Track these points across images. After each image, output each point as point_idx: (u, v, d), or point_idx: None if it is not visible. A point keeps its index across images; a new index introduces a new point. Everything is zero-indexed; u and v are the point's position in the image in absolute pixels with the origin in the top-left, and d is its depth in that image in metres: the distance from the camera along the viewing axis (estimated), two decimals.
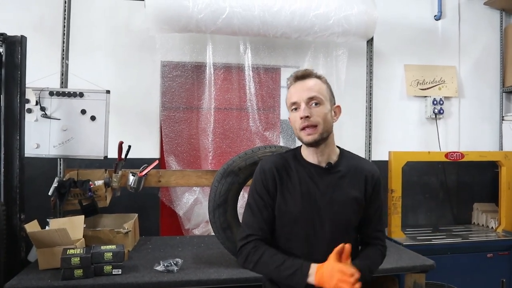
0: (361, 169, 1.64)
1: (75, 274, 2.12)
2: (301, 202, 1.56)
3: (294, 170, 1.61)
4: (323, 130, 1.53)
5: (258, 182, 1.61)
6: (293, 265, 1.47)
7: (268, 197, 1.59)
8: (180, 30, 3.05)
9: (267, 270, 1.54)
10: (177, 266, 2.30)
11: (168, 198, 3.35)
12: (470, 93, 3.98)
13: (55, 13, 3.08)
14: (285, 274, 1.47)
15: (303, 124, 1.52)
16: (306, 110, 1.51)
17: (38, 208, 2.68)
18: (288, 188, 1.58)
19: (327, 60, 3.50)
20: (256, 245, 1.55)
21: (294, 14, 3.08)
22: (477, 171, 3.91)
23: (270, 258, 1.51)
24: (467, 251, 3.26)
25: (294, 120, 1.56)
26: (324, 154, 1.60)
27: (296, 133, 1.58)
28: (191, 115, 3.43)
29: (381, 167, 3.39)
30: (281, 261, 1.49)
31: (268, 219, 1.59)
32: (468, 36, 3.95)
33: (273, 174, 1.59)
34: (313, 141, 1.53)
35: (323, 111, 1.54)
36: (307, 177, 1.59)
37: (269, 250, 1.54)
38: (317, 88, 1.55)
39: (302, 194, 1.57)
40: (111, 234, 2.57)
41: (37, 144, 2.75)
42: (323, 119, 1.53)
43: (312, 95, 1.53)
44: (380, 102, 3.63)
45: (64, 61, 2.96)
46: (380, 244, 1.68)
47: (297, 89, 1.56)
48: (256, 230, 1.58)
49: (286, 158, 1.65)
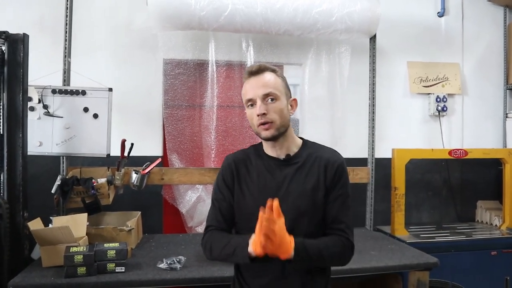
0: (321, 157, 1.60)
1: (78, 271, 2.12)
2: (258, 195, 1.55)
3: (254, 164, 1.62)
4: (280, 125, 1.53)
5: (219, 176, 1.66)
6: (235, 242, 1.49)
7: (227, 191, 1.62)
8: (182, 28, 3.05)
9: (217, 253, 1.55)
10: (180, 263, 2.30)
11: (171, 195, 3.35)
12: (474, 90, 3.96)
13: (57, 11, 3.07)
14: (229, 252, 1.49)
15: (260, 121, 1.51)
16: (262, 107, 1.51)
17: (41, 206, 2.68)
18: (246, 182, 1.60)
19: (329, 57, 3.49)
20: (211, 233, 1.59)
21: (297, 11, 3.07)
22: (481, 168, 3.89)
23: (218, 242, 1.54)
24: (471, 249, 3.24)
25: (251, 116, 1.55)
26: (283, 147, 1.60)
27: (254, 129, 1.57)
28: (194, 113, 3.43)
29: (385, 165, 3.44)
30: (227, 241, 1.51)
31: (225, 211, 1.61)
32: (471, 33, 3.93)
33: (232, 168, 1.63)
34: (271, 136, 1.53)
35: (279, 106, 1.53)
36: (265, 170, 1.60)
37: (218, 234, 1.57)
38: (273, 84, 1.54)
39: (259, 187, 1.57)
40: (114, 232, 2.58)
41: (40, 142, 2.76)
42: (279, 114, 1.52)
43: (267, 91, 1.52)
44: (383, 100, 3.62)
45: (66, 59, 2.95)
46: (343, 236, 1.54)
47: (252, 85, 1.54)
48: (214, 221, 1.62)
49: (247, 152, 1.68)
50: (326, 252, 1.49)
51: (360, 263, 2.45)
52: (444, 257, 2.81)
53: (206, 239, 1.60)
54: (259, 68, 1.56)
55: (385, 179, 3.45)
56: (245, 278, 1.61)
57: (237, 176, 1.62)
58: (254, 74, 1.56)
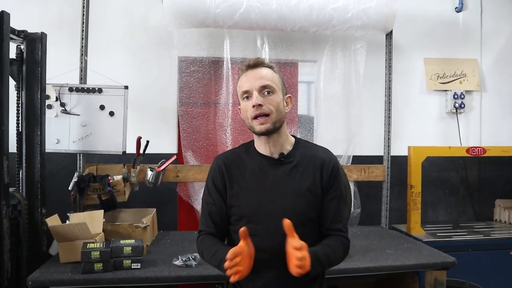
0: (315, 157, 1.58)
1: (95, 267, 2.15)
2: (252, 196, 1.53)
3: (245, 164, 1.58)
4: (276, 119, 1.50)
5: (209, 179, 1.62)
6: (220, 254, 1.44)
7: (217, 194, 1.58)
8: (197, 25, 3.05)
9: (208, 262, 1.55)
10: (196, 261, 2.31)
11: (186, 193, 3.36)
12: (492, 87, 3.88)
13: (74, 10, 3.11)
14: (216, 264, 1.49)
15: (255, 113, 1.48)
16: (259, 98, 1.48)
17: (59, 202, 2.72)
18: (239, 183, 1.56)
19: (345, 54, 3.46)
20: (202, 238, 1.59)
21: (312, 8, 3.05)
22: (500, 166, 3.82)
23: (207, 250, 1.54)
24: (489, 248, 3.18)
25: (246, 109, 1.52)
26: (276, 144, 1.56)
27: (248, 123, 1.53)
28: (209, 110, 3.43)
29: (400, 162, 3.40)
30: (214, 252, 1.50)
31: (215, 215, 1.58)
32: (490, 28, 3.85)
33: (222, 170, 1.58)
34: (266, 130, 1.49)
35: (276, 99, 1.51)
36: (258, 170, 1.56)
37: (208, 241, 1.56)
38: (270, 77, 1.52)
39: (252, 187, 1.54)
40: (130, 228, 2.59)
41: (57, 140, 2.79)
42: (275, 108, 1.49)
43: (265, 84, 1.50)
44: (399, 97, 3.57)
45: (83, 58, 2.98)
46: (342, 235, 1.56)
47: (249, 77, 1.52)
48: (205, 226, 1.61)
49: (238, 152, 1.64)
50: (333, 256, 1.52)
51: (377, 262, 2.43)
52: (462, 257, 2.77)
53: (198, 243, 1.61)
54: (256, 62, 1.55)
55: (401, 177, 3.41)
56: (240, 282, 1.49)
57: (229, 178, 1.57)
58: (252, 67, 1.54)
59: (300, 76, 3.64)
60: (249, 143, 1.65)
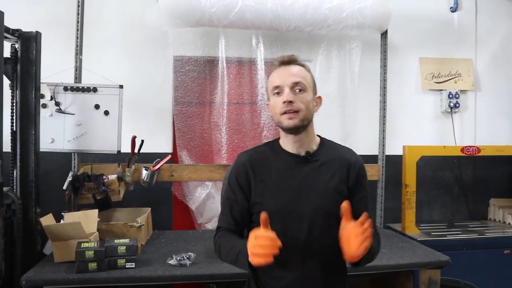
0: (342, 158, 1.58)
1: (89, 267, 2.14)
2: (278, 194, 1.51)
3: (271, 161, 1.56)
4: (305, 116, 1.49)
5: (231, 176, 1.60)
6: (237, 249, 1.41)
7: (240, 191, 1.55)
8: (192, 25, 3.05)
9: (223, 257, 1.51)
10: (190, 260, 2.32)
11: (180, 192, 3.36)
12: (487, 86, 3.89)
13: (69, 9, 3.09)
14: (233, 259, 1.44)
15: (285, 109, 1.47)
16: (290, 94, 1.47)
17: (53, 202, 2.71)
18: (264, 180, 1.54)
19: (340, 54, 3.46)
20: (220, 235, 1.56)
21: (307, 7, 3.05)
22: (494, 166, 3.83)
23: (224, 245, 1.51)
24: (483, 247, 3.20)
25: (275, 104, 1.51)
26: (303, 143, 1.55)
27: (276, 118, 1.52)
28: (204, 110, 3.43)
29: (395, 162, 3.41)
30: (231, 246, 1.47)
31: (236, 213, 1.56)
32: (485, 27, 3.86)
33: (246, 168, 1.55)
34: (294, 126, 1.48)
35: (306, 98, 1.50)
36: (284, 167, 1.54)
37: (227, 236, 1.53)
38: (303, 75, 1.51)
39: (278, 185, 1.52)
40: (124, 228, 2.59)
41: (52, 139, 2.79)
42: (306, 106, 1.49)
43: (297, 80, 1.49)
44: (394, 96, 3.58)
45: (78, 57, 2.98)
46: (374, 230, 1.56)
47: (281, 73, 1.51)
48: (224, 223, 1.58)
49: (262, 150, 1.62)
50: (376, 249, 1.53)
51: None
52: (456, 256, 2.78)
53: (215, 240, 1.57)
54: (290, 58, 1.53)
55: (395, 176, 3.42)
56: (262, 280, 1.54)
57: (253, 176, 1.54)
58: (285, 63, 1.53)
59: None
60: (273, 142, 1.64)
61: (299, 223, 1.48)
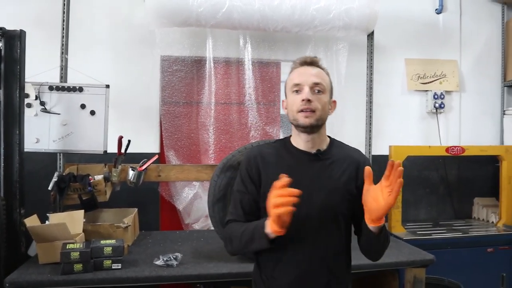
0: (352, 157, 1.64)
1: (74, 268, 2.12)
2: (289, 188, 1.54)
3: (282, 157, 1.61)
4: (320, 117, 1.54)
5: (243, 170, 1.63)
6: (252, 226, 1.46)
7: (251, 185, 1.59)
8: (180, 24, 3.04)
9: (237, 244, 1.53)
10: (177, 260, 2.31)
11: (167, 192, 3.35)
12: (471, 87, 3.96)
13: (54, 7, 3.06)
14: (247, 239, 1.47)
15: (303, 107, 1.52)
16: (309, 94, 1.52)
17: (38, 202, 2.67)
18: (275, 174, 1.52)
19: (327, 54, 3.49)
20: (230, 226, 1.59)
21: (295, 8, 3.07)
22: (478, 165, 3.90)
23: (236, 231, 1.53)
24: (467, 245, 3.25)
25: (293, 102, 1.55)
26: (315, 143, 1.60)
27: (292, 115, 1.56)
28: (191, 110, 3.42)
29: (382, 162, 3.42)
30: (244, 229, 1.49)
31: (246, 204, 1.60)
32: (469, 29, 3.93)
33: (257, 162, 1.60)
34: (309, 124, 1.53)
35: (324, 99, 1.56)
36: (295, 164, 1.59)
37: (236, 224, 1.56)
38: (323, 77, 1.58)
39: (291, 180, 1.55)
40: (111, 228, 2.57)
41: (37, 139, 2.75)
42: (322, 106, 1.54)
43: (318, 81, 1.55)
44: (380, 97, 3.62)
45: (63, 56, 2.95)
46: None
47: (303, 72, 1.56)
48: (234, 216, 1.61)
49: (274, 146, 1.67)
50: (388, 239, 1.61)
51: (358, 260, 2.41)
52: (441, 254, 2.83)
53: (225, 231, 1.60)
54: (313, 60, 1.60)
55: (382, 176, 3.44)
56: (268, 275, 1.59)
57: (264, 169, 1.59)
58: (308, 64, 1.58)
59: (284, 75, 3.65)
60: (284, 139, 1.69)
61: (308, 218, 1.52)
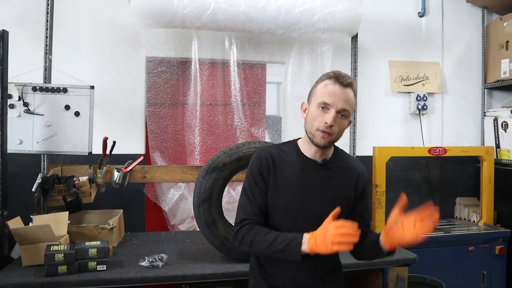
0: (353, 168, 1.70)
1: (59, 270, 2.11)
2: (292, 193, 1.61)
3: (289, 162, 1.65)
4: (335, 139, 1.60)
5: (254, 168, 1.65)
6: (286, 238, 1.51)
7: (263, 184, 1.63)
8: (165, 26, 3.04)
9: (261, 248, 1.56)
10: (162, 261, 2.31)
11: (153, 194, 3.34)
12: (453, 89, 4.03)
13: (38, 7, 3.04)
14: (279, 248, 1.51)
15: (323, 128, 1.54)
16: (334, 119, 1.54)
17: (21, 204, 2.66)
18: (282, 178, 1.63)
19: (312, 56, 3.52)
20: (251, 227, 1.60)
21: (280, 10, 3.09)
22: (460, 166, 3.97)
23: (263, 237, 1.56)
24: (449, 244, 3.32)
25: (316, 118, 1.57)
26: (323, 154, 1.66)
27: (310, 128, 1.59)
28: (177, 111, 3.42)
29: (366, 162, 3.43)
30: (274, 237, 1.53)
31: (261, 204, 1.63)
32: (451, 33, 4.00)
33: (268, 162, 1.63)
34: (323, 145, 1.58)
35: (344, 125, 1.60)
36: (300, 170, 1.63)
37: (263, 229, 1.59)
38: (351, 103, 1.59)
39: (293, 185, 1.61)
40: (95, 230, 2.57)
41: (20, 140, 2.72)
42: (340, 130, 1.59)
43: (346, 108, 1.56)
44: (364, 98, 3.67)
45: (47, 56, 2.92)
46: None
47: (336, 93, 1.55)
48: (250, 215, 1.62)
49: (282, 149, 1.70)
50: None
51: (342, 259, 2.47)
52: (423, 253, 2.88)
53: (244, 232, 1.60)
54: (349, 81, 1.57)
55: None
56: (267, 269, 1.67)
57: (273, 170, 1.63)
58: (344, 85, 1.56)
59: (269, 76, 3.68)
60: (291, 142, 1.73)
61: (307, 223, 1.58)
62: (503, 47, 3.76)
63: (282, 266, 1.62)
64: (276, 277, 1.65)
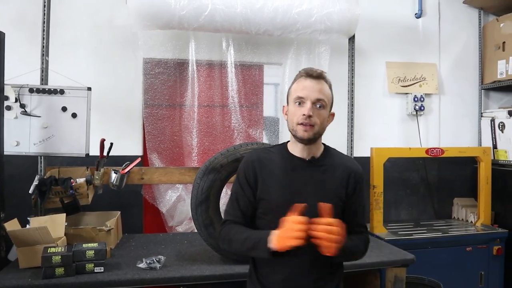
0: (344, 166, 1.70)
1: (56, 272, 2.10)
2: (282, 192, 1.62)
3: (278, 162, 1.67)
4: (318, 131, 1.60)
5: (241, 173, 1.69)
6: (257, 236, 1.54)
7: (248, 187, 1.66)
8: (162, 27, 3.04)
9: (238, 246, 1.60)
10: (160, 263, 2.30)
11: (151, 195, 3.34)
12: (450, 90, 4.04)
13: (35, 9, 3.03)
14: (250, 246, 1.55)
15: (303, 121, 1.57)
16: (311, 109, 1.56)
17: (19, 206, 2.65)
18: (270, 179, 1.64)
19: (309, 57, 3.52)
20: (231, 226, 1.65)
21: (277, 11, 3.09)
22: (457, 166, 3.98)
23: (239, 235, 1.60)
24: (447, 245, 3.33)
25: (294, 113, 1.60)
26: (310, 151, 1.66)
27: (291, 126, 1.62)
28: (174, 112, 3.42)
29: (363, 163, 3.43)
30: (248, 235, 1.58)
31: (244, 206, 1.67)
32: (448, 34, 4.01)
33: (254, 166, 1.66)
34: (307, 138, 1.59)
35: (323, 115, 1.61)
36: (289, 169, 1.65)
37: (241, 228, 1.63)
38: (326, 93, 1.62)
39: (283, 185, 1.63)
40: (93, 232, 2.56)
41: (17, 142, 2.72)
42: (321, 121, 1.60)
43: (320, 97, 1.59)
44: (362, 99, 3.67)
45: (44, 58, 2.91)
46: (364, 234, 1.73)
47: (308, 86, 1.59)
48: (232, 216, 1.68)
49: (271, 151, 1.73)
50: (356, 249, 1.65)
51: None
52: (421, 254, 2.89)
53: (224, 231, 1.66)
54: (319, 74, 1.62)
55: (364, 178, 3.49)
56: (263, 273, 1.67)
57: (261, 173, 1.65)
58: (314, 77, 1.61)
59: (267, 78, 3.68)
60: (281, 145, 1.75)
61: None
62: (499, 48, 3.78)
63: (276, 270, 1.62)
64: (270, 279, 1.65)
